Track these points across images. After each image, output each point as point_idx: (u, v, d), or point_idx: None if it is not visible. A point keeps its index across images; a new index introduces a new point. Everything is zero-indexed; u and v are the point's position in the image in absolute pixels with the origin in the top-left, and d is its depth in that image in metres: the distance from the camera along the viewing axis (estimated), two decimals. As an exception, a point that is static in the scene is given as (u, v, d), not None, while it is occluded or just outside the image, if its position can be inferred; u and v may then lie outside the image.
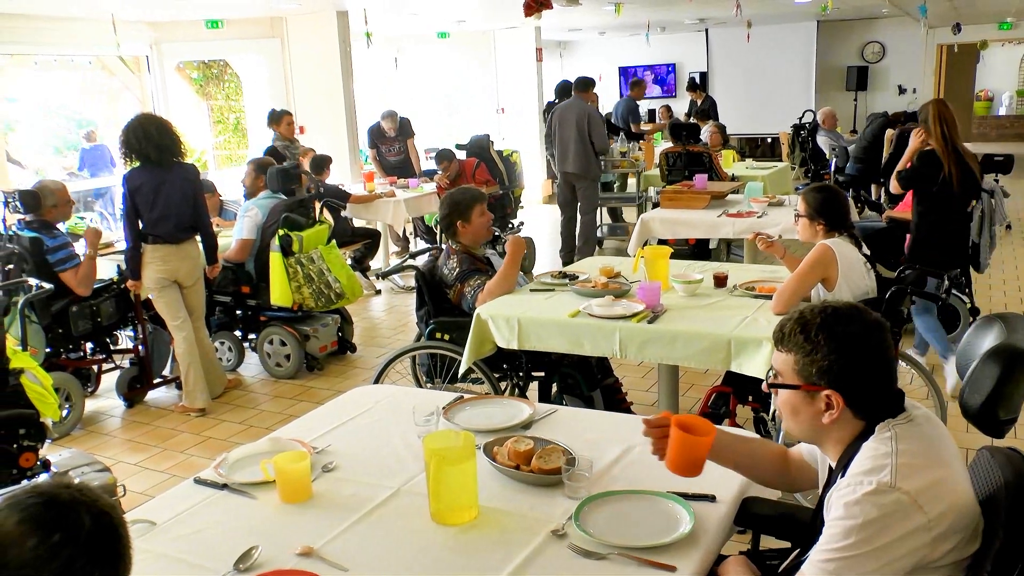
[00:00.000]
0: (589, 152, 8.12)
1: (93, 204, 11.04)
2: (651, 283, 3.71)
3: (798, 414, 1.73)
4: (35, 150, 13.95)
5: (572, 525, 1.88)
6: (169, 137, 4.92)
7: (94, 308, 5.19)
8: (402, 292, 7.99)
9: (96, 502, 1.22)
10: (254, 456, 2.31)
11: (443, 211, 4.09)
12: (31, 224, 5.02)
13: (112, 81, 12.33)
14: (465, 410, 2.58)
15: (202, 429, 4.97)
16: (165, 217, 4.95)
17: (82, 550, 1.19)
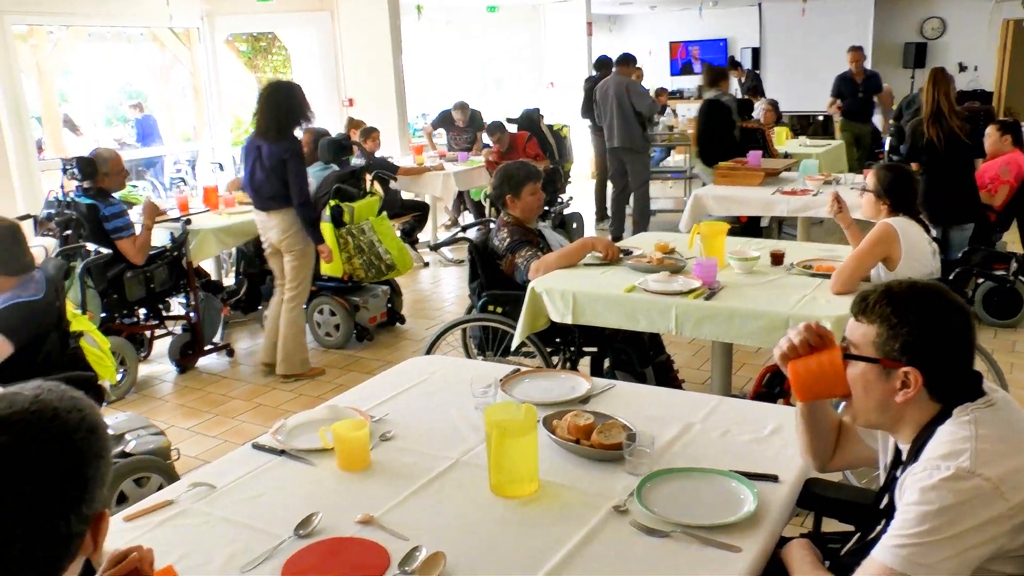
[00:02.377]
0: (632, 125, 8.17)
1: (144, 174, 11.16)
2: (708, 260, 3.65)
3: (870, 390, 1.67)
4: (88, 121, 14.15)
5: (634, 501, 1.85)
6: (270, 115, 4.91)
7: (148, 274, 5.25)
8: (450, 265, 8.00)
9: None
10: (312, 423, 2.31)
11: (495, 182, 4.07)
12: (88, 191, 5.08)
13: (163, 53, 12.43)
14: (523, 383, 2.56)
15: (253, 396, 5.01)
16: (249, 184, 5.07)
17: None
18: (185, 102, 13.05)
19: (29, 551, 1.09)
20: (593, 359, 4.10)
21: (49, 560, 1.12)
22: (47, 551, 1.11)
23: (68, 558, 1.15)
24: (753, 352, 5.15)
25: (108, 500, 1.23)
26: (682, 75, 16.22)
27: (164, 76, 12.95)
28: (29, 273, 3.34)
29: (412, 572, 1.63)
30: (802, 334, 1.78)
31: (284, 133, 4.92)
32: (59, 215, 5.09)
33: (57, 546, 1.12)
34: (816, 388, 1.77)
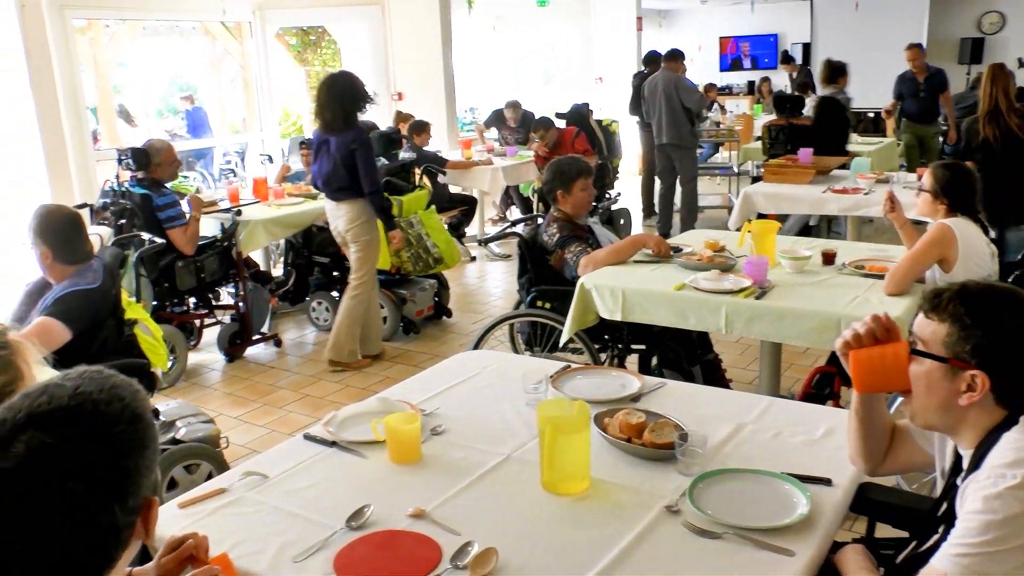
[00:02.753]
0: (680, 121, 8.16)
1: (194, 165, 11.32)
2: (759, 258, 3.61)
3: (933, 389, 1.63)
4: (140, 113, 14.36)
5: (686, 502, 1.83)
6: (335, 106, 4.97)
7: (198, 264, 5.32)
8: (497, 260, 8.01)
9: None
10: (363, 415, 2.32)
11: (546, 177, 4.06)
12: (142, 181, 5.16)
13: (214, 47, 12.58)
14: (573, 379, 2.55)
15: (300, 386, 5.06)
16: (320, 175, 5.12)
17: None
18: (235, 95, 13.21)
19: (77, 546, 1.10)
20: (641, 357, 4.08)
21: (99, 552, 1.13)
22: (95, 545, 1.12)
23: (119, 548, 1.16)
24: (801, 352, 5.09)
25: (158, 486, 1.23)
26: (731, 71, 16.06)
27: (215, 69, 13.11)
28: (88, 262, 3.41)
29: (464, 567, 1.63)
30: (868, 324, 1.75)
31: (349, 123, 4.97)
32: (114, 204, 5.19)
33: (105, 539, 1.13)
34: (876, 379, 1.74)
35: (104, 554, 1.14)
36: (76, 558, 1.11)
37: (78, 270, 3.35)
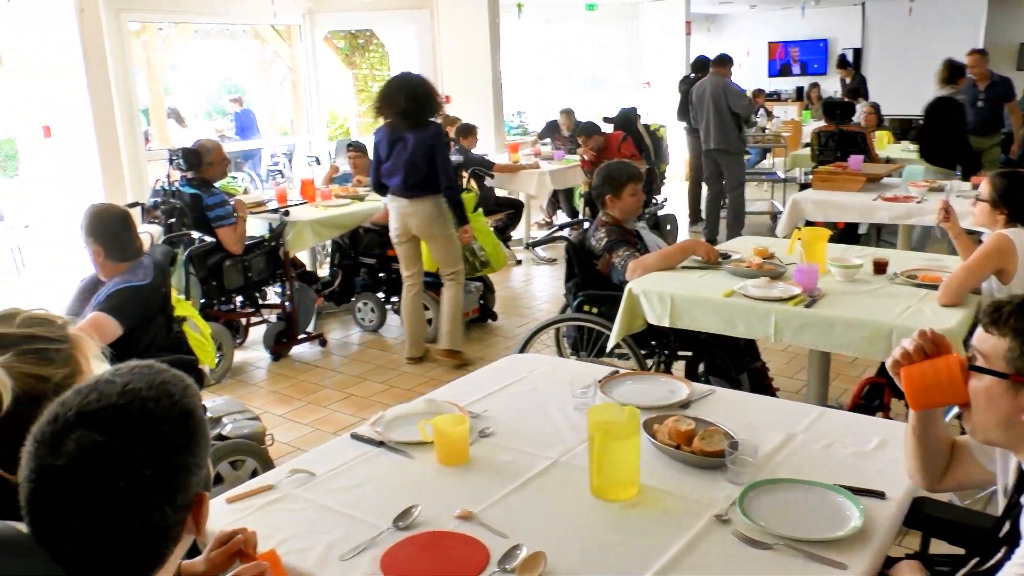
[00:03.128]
0: (728, 126, 8.12)
1: (242, 166, 11.46)
2: (809, 266, 3.55)
3: (994, 405, 1.58)
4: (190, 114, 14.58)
5: (736, 511, 1.80)
6: (414, 103, 5.01)
7: (246, 263, 5.38)
8: (542, 263, 8.01)
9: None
10: (410, 416, 2.32)
11: (596, 181, 4.05)
12: (192, 181, 5.24)
13: (263, 49, 12.74)
14: (621, 385, 2.53)
15: (345, 386, 5.09)
16: (394, 172, 5.10)
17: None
18: (283, 97, 13.35)
19: (128, 543, 1.11)
20: (688, 363, 4.04)
21: (149, 549, 1.14)
22: (146, 542, 1.13)
23: (169, 544, 1.17)
24: (849, 362, 5.01)
25: (209, 482, 1.23)
26: (780, 76, 15.90)
27: (264, 71, 13.27)
28: (138, 259, 3.46)
29: (512, 570, 1.62)
30: (916, 340, 1.71)
31: (427, 119, 5.03)
32: (164, 203, 5.27)
33: (155, 536, 1.14)
34: (930, 395, 1.69)
35: (155, 550, 1.15)
36: (127, 555, 1.12)
37: (129, 267, 3.41)
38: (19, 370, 1.38)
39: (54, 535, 1.08)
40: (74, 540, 1.08)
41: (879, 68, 14.38)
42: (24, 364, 1.40)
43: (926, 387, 1.67)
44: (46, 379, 1.43)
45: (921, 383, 1.68)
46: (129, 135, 6.96)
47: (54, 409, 1.13)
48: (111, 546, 1.10)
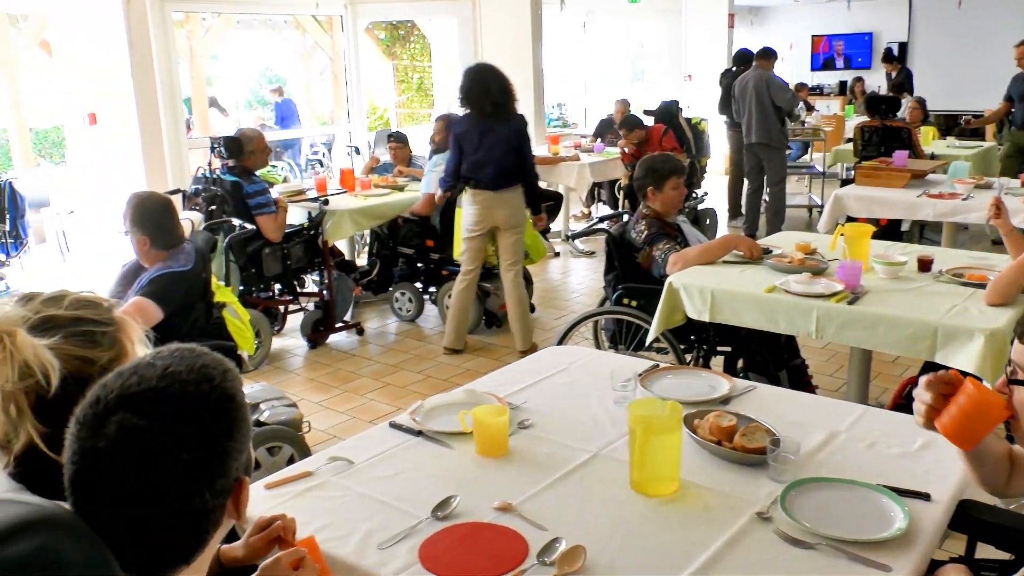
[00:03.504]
0: (771, 120, 8.05)
1: (282, 155, 11.55)
2: (852, 262, 3.50)
3: None
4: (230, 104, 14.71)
5: (778, 509, 1.78)
6: (505, 94, 5.05)
7: (285, 251, 5.42)
8: (581, 256, 7.99)
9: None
10: (449, 406, 2.32)
11: (638, 173, 4.03)
12: (233, 169, 5.28)
13: (304, 40, 12.82)
14: (662, 379, 2.50)
15: (382, 375, 5.12)
16: (485, 164, 5.06)
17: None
18: (323, 87, 13.43)
19: (168, 526, 1.11)
20: (727, 359, 4.01)
21: (189, 533, 1.15)
22: (185, 525, 1.13)
23: (209, 528, 1.17)
24: (890, 361, 4.94)
25: (250, 466, 1.24)
26: (823, 70, 15.67)
27: (304, 61, 13.36)
28: (180, 245, 3.50)
29: (551, 563, 1.61)
30: (930, 391, 1.64)
31: (514, 110, 5.07)
32: (205, 191, 5.32)
33: (195, 519, 1.14)
34: (973, 432, 1.63)
35: (195, 534, 1.15)
36: (167, 538, 1.12)
37: (171, 253, 3.45)
38: (66, 352, 1.39)
39: (96, 517, 1.09)
40: (115, 522, 1.09)
41: (925, 62, 14.13)
42: (71, 346, 1.42)
43: (964, 428, 1.61)
44: (92, 361, 1.44)
45: (959, 428, 1.62)
46: (171, 123, 7.03)
47: (96, 392, 1.13)
48: (152, 529, 1.10)
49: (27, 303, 1.45)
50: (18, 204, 6.62)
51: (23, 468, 1.39)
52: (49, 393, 1.34)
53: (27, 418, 1.35)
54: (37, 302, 1.46)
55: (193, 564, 1.16)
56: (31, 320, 1.40)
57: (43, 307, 1.45)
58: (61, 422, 1.40)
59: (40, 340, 1.35)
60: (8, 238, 6.44)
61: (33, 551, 0.83)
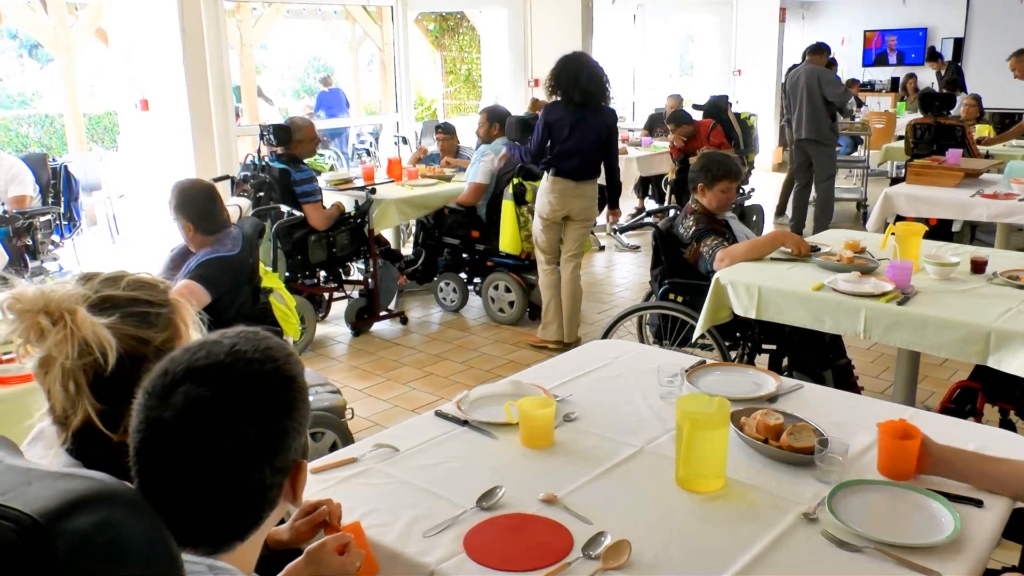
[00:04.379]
0: (821, 116, 7.95)
1: (328, 143, 11.65)
2: (903, 262, 3.44)
3: None
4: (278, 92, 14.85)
5: (824, 510, 1.76)
6: (596, 83, 5.03)
7: (330, 239, 5.46)
8: (625, 250, 7.96)
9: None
10: (495, 397, 2.33)
11: (695, 165, 4.01)
12: (281, 157, 5.34)
13: (354, 29, 12.90)
14: (708, 375, 2.49)
15: (424, 365, 5.14)
16: (574, 154, 5.05)
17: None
18: (371, 77, 13.51)
19: (227, 501, 1.13)
20: (771, 357, 3.97)
21: (247, 509, 1.16)
22: (245, 500, 1.15)
23: (267, 506, 1.19)
24: (939, 364, 4.86)
25: (306, 450, 1.26)
26: (875, 66, 15.42)
27: (353, 51, 13.44)
28: (226, 230, 3.54)
29: (596, 557, 1.61)
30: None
31: (607, 101, 5.09)
32: (254, 177, 5.38)
33: (254, 496, 1.16)
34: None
35: (252, 511, 1.17)
36: (227, 511, 1.14)
37: (217, 238, 3.50)
38: (123, 331, 1.42)
39: (159, 487, 1.11)
40: (177, 493, 1.11)
41: (982, 59, 13.81)
42: (128, 326, 1.44)
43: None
44: (147, 342, 1.47)
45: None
46: (221, 111, 7.11)
47: (164, 364, 1.16)
48: (212, 501, 1.12)
49: (87, 282, 1.48)
50: (72, 187, 6.75)
51: (79, 444, 1.43)
52: (106, 371, 1.37)
53: (84, 395, 1.39)
54: (96, 282, 1.48)
55: (247, 541, 1.18)
56: (90, 299, 1.43)
57: (102, 287, 1.47)
58: (116, 400, 1.44)
59: (98, 319, 1.37)
60: (62, 220, 6.56)
61: (93, 526, 0.85)
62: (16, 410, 2.46)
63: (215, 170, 6.55)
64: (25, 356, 1.37)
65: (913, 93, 12.42)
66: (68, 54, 9.45)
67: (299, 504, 1.27)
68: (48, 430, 1.49)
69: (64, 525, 0.83)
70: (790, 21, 13.46)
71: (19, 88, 15.57)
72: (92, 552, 0.85)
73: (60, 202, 6.57)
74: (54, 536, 0.82)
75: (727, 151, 7.38)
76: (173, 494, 1.11)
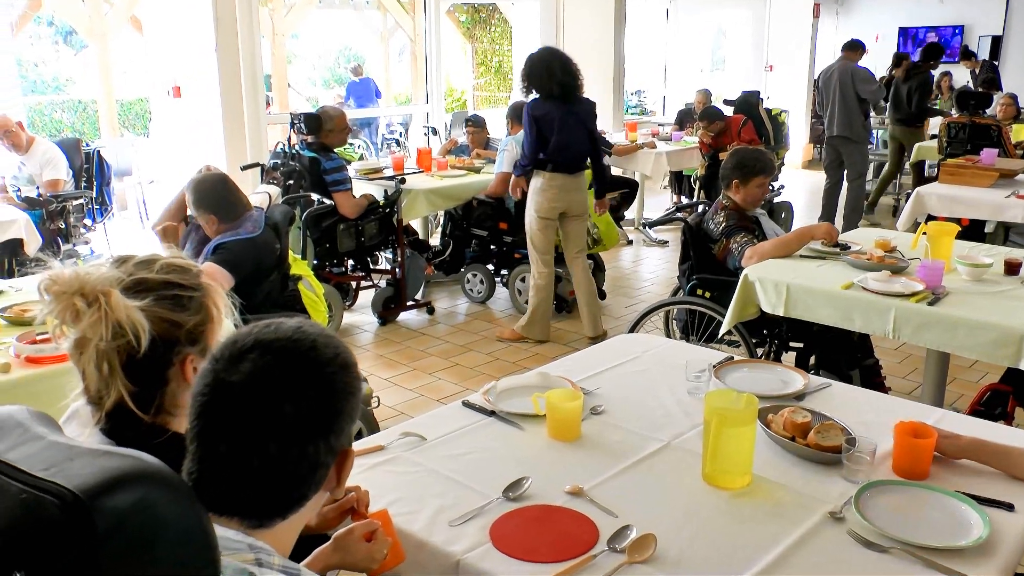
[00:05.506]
0: (853, 113, 7.90)
1: (358, 133, 11.70)
2: (934, 262, 3.41)
3: None
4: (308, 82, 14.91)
5: (851, 510, 1.75)
6: (570, 74, 5.02)
7: (359, 228, 5.49)
8: (653, 245, 7.93)
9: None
10: (522, 388, 2.34)
11: (728, 163, 3.99)
12: (311, 145, 5.36)
13: (385, 20, 12.92)
14: (736, 372, 2.48)
15: (450, 355, 5.16)
16: (566, 147, 5.05)
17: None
18: (402, 67, 13.53)
19: (279, 470, 1.15)
20: (798, 355, 3.95)
21: (297, 483, 1.18)
22: (296, 473, 1.17)
23: (314, 486, 1.20)
24: (967, 366, 4.81)
25: (351, 440, 1.28)
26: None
27: (384, 42, 13.46)
28: (246, 214, 3.56)
29: (621, 550, 1.61)
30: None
31: (583, 91, 5.09)
32: (284, 165, 5.42)
33: (305, 470, 1.18)
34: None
35: (301, 485, 1.19)
36: (277, 482, 1.16)
37: (238, 222, 3.52)
38: (156, 314, 1.44)
39: (216, 451, 1.14)
40: (233, 458, 1.14)
41: (1021, 57, 13.62)
42: (161, 309, 1.46)
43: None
44: (180, 325, 1.49)
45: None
46: (252, 99, 7.15)
47: (233, 335, 1.21)
48: (266, 468, 1.14)
49: (121, 265, 1.50)
50: (105, 172, 6.83)
51: (112, 424, 1.45)
52: (139, 353, 1.39)
53: (118, 376, 1.41)
54: (130, 264, 1.51)
55: (288, 521, 1.20)
56: (124, 282, 1.45)
57: (136, 270, 1.50)
58: (148, 382, 1.46)
59: (132, 302, 1.39)
60: (95, 204, 6.64)
61: (131, 504, 0.87)
62: (51, 390, 2.50)
63: (245, 157, 6.60)
64: (60, 336, 1.39)
65: (948, 92, 12.25)
66: (102, 41, 9.54)
67: (340, 493, 1.29)
68: (83, 409, 1.51)
69: (104, 502, 0.84)
70: (824, 17, 13.32)
71: (53, 74, 15.77)
72: (129, 530, 0.86)
73: (93, 186, 6.66)
74: (94, 512, 0.83)
75: (757, 147, 7.34)
76: (229, 458, 1.14)
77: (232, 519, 1.15)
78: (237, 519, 1.15)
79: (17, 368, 2.55)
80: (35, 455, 0.93)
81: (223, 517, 1.15)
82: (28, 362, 2.58)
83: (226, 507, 1.15)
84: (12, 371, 2.53)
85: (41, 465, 0.90)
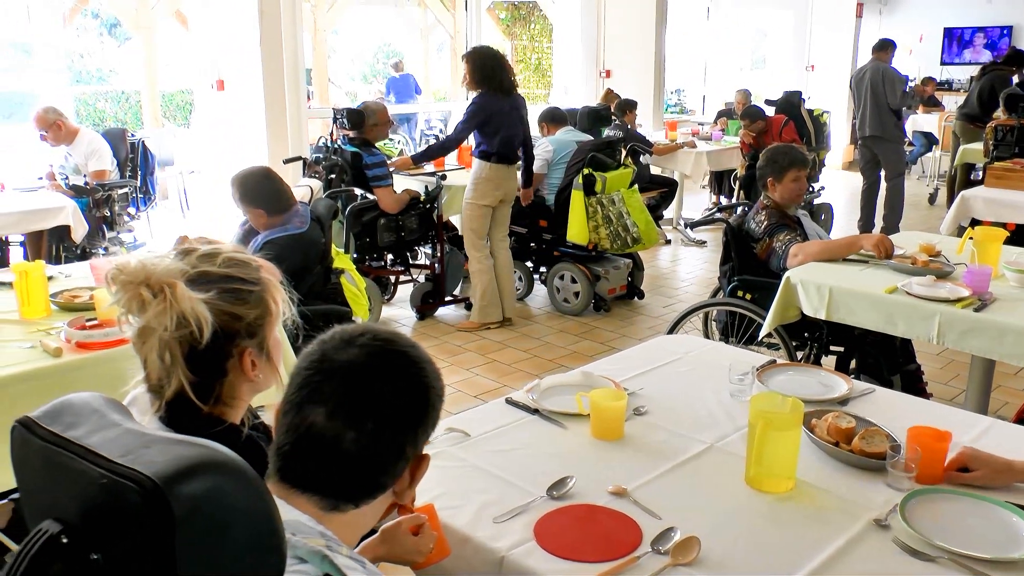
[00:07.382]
0: (885, 113, 7.84)
1: (397, 128, 11.76)
2: (981, 267, 3.36)
3: None
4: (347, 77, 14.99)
5: (896, 517, 1.74)
6: (511, 72, 5.35)
7: (399, 222, 5.53)
8: (692, 245, 7.90)
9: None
10: (565, 387, 2.35)
11: (760, 162, 3.98)
12: (353, 140, 5.41)
13: (425, 16, 12.97)
14: (779, 375, 2.47)
15: (488, 351, 5.18)
16: (510, 139, 5.28)
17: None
18: (441, 63, 13.57)
19: (369, 448, 1.18)
20: (839, 359, 3.92)
21: (380, 467, 1.21)
22: (381, 458, 1.20)
23: (392, 477, 1.23)
24: (1013, 374, 4.75)
25: (426, 445, 1.31)
26: (954, 64, 15.01)
27: (423, 38, 13.52)
28: (293, 209, 3.60)
29: (665, 552, 1.62)
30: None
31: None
32: (325, 159, 5.47)
33: (391, 456, 1.21)
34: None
35: (383, 473, 1.21)
36: (365, 461, 1.19)
37: (284, 218, 3.56)
38: (217, 307, 1.47)
39: (309, 422, 1.17)
40: (329, 429, 1.16)
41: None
42: (223, 302, 1.50)
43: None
44: (240, 318, 1.52)
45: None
46: (294, 93, 7.22)
47: (340, 326, 1.26)
48: (357, 445, 1.17)
49: (185, 257, 1.53)
50: (149, 162, 6.93)
51: (171, 413, 1.49)
52: (200, 344, 1.43)
53: (179, 366, 1.45)
54: (194, 257, 1.54)
55: (359, 511, 1.22)
56: (188, 274, 1.48)
57: (199, 262, 1.53)
58: (208, 373, 1.49)
59: (195, 294, 1.43)
60: (139, 193, 6.74)
61: (205, 492, 0.89)
62: (100, 376, 2.57)
63: (287, 151, 6.66)
64: (125, 324, 1.43)
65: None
66: (147, 33, 9.69)
67: (411, 496, 1.31)
68: (142, 397, 1.55)
69: (180, 489, 0.87)
70: (867, 16, 13.17)
71: (98, 65, 16.01)
72: (203, 517, 0.89)
73: (137, 176, 6.76)
74: (171, 499, 0.86)
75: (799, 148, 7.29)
76: (325, 429, 1.16)
77: (312, 497, 1.18)
78: (317, 498, 1.18)
79: (68, 353, 2.62)
80: (112, 441, 0.96)
81: (304, 496, 1.18)
82: (78, 347, 2.64)
83: (310, 482, 1.18)
84: (63, 355, 2.59)
85: (119, 451, 0.92)
